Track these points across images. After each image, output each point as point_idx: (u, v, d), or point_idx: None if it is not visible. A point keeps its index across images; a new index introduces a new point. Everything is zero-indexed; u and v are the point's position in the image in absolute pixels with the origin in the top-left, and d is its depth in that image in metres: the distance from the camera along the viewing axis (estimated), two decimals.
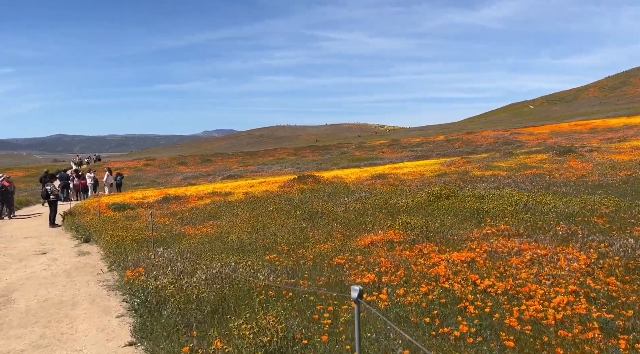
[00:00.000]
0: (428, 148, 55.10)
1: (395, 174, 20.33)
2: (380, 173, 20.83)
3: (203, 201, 17.56)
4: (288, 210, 11.69)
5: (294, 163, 50.66)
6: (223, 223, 11.03)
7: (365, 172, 23.08)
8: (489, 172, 18.26)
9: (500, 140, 52.09)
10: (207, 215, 12.87)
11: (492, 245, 6.53)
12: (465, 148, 49.23)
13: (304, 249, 7.79)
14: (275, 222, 10.24)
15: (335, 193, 14.81)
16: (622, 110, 78.66)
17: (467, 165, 21.30)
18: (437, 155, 44.74)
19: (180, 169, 53.42)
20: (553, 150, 23.80)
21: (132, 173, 48.95)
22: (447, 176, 18.39)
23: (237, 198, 17.25)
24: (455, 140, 61.58)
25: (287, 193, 17.04)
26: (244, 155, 69.87)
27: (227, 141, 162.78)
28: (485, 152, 38.16)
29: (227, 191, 20.23)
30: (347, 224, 9.49)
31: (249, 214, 11.99)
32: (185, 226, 11.36)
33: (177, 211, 15.21)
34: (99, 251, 10.33)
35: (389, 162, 40.08)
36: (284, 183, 20.48)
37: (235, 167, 52.56)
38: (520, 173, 16.99)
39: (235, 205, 14.72)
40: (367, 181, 18.47)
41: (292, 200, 14.20)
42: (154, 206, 17.23)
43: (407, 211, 10.11)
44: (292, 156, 62.75)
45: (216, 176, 41.36)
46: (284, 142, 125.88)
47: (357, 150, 61.68)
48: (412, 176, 19.44)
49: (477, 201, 9.84)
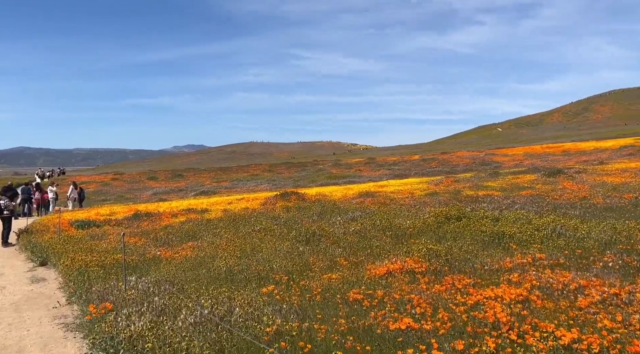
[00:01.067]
0: (405, 167, 54.63)
1: (383, 192, 19.31)
2: (368, 191, 19.78)
3: (178, 219, 16.08)
4: (278, 231, 10.42)
5: (270, 180, 49.28)
6: (204, 245, 9.66)
7: (350, 189, 22.00)
8: (482, 192, 17.42)
9: (477, 160, 52.05)
10: (184, 235, 11.46)
11: (540, 278, 5.45)
12: (443, 168, 48.91)
13: (308, 279, 6.55)
14: (267, 245, 8.95)
15: (325, 212, 13.62)
16: (585, 135, 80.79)
17: (456, 184, 20.48)
18: (416, 174, 44.17)
19: (150, 184, 51.21)
20: (540, 171, 23.27)
21: (98, 187, 46.55)
22: (438, 195, 17.47)
23: (215, 216, 15.85)
24: (431, 159, 61.41)
25: (271, 211, 15.75)
26: (216, 170, 67.95)
27: (198, 156, 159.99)
28: (463, 172, 37.71)
29: (203, 208, 18.77)
30: (350, 248, 8.30)
31: (233, 235, 10.66)
32: (161, 248, 9.94)
33: (149, 230, 13.70)
34: (57, 277, 8.80)
35: (368, 180, 39.19)
36: (265, 200, 19.18)
37: (208, 183, 50.77)
38: (515, 194, 16.20)
39: (215, 223, 13.34)
40: (355, 200, 17.36)
41: (278, 219, 12.92)
42: (122, 224, 15.63)
43: (416, 234, 9.00)
44: (267, 172, 61.27)
45: (188, 192, 39.57)
46: (257, 159, 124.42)
47: (333, 168, 60.76)
48: (401, 194, 18.44)
49: (492, 224, 8.82)
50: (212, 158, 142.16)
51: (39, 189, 25.62)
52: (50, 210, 24.46)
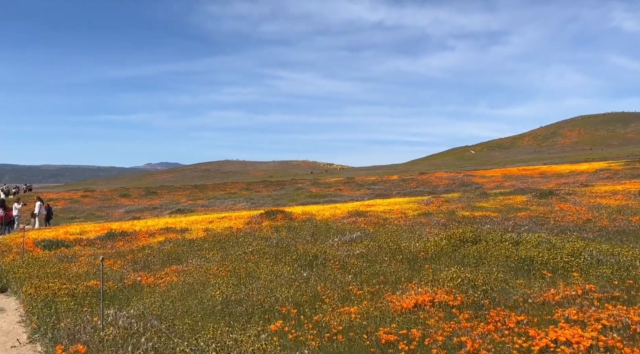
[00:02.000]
0: (385, 187, 54.11)
1: (373, 212, 18.43)
2: (357, 210, 18.86)
3: (156, 239, 14.83)
4: (273, 253, 9.37)
5: (248, 198, 48.02)
6: (191, 270, 8.54)
7: (337, 208, 21.04)
8: (478, 213, 16.72)
9: (456, 181, 51.93)
10: (166, 258, 10.29)
11: (609, 317, 4.60)
12: (424, 188, 48.47)
13: (321, 312, 5.55)
14: (264, 270, 7.90)
15: (318, 233, 12.63)
16: (555, 159, 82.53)
17: (447, 205, 19.78)
18: (398, 193, 43.59)
19: (122, 201, 49.25)
20: (528, 192, 22.84)
21: (67, 204, 44.44)
22: (432, 216, 16.69)
23: (197, 236, 14.67)
24: (410, 179, 61.19)
25: (258, 231, 14.67)
26: (192, 188, 66.21)
27: (171, 174, 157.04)
28: (445, 192, 37.29)
29: (182, 226, 17.54)
30: (360, 274, 7.34)
31: (222, 257, 9.56)
32: (141, 272, 8.77)
33: (125, 251, 12.45)
34: (17, 307, 7.55)
35: (350, 199, 38.38)
36: (249, 219, 18.07)
37: (183, 201, 49.11)
38: (513, 215, 15.54)
39: (199, 244, 12.19)
40: (346, 219, 16.41)
41: (269, 239, 11.87)
42: (95, 244, 14.28)
43: (430, 258, 8.10)
44: (244, 191, 59.91)
45: (163, 210, 37.98)
46: (232, 177, 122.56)
47: (312, 187, 59.88)
48: (393, 214, 17.60)
49: (514, 248, 7.99)
50: (186, 176, 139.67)
51: (3, 206, 23.86)
52: (14, 228, 22.74)
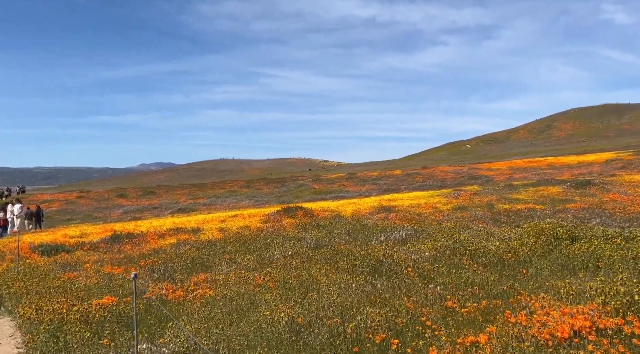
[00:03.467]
0: (390, 182, 52.67)
1: (401, 206, 16.90)
2: (382, 205, 17.31)
3: (167, 241, 13.24)
4: (320, 257, 7.82)
5: (250, 196, 46.42)
6: (226, 279, 6.98)
7: (355, 204, 19.49)
8: (519, 206, 15.24)
9: (463, 174, 50.46)
10: (189, 263, 8.71)
11: None
12: (431, 182, 47.04)
13: (433, 342, 4.03)
14: (320, 279, 6.35)
15: (354, 231, 11.10)
16: (552, 151, 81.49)
17: (479, 197, 18.29)
18: (407, 188, 42.18)
19: (120, 202, 47.41)
20: (563, 183, 21.40)
21: (63, 206, 42.61)
22: (469, 209, 15.20)
23: (213, 237, 13.10)
24: (414, 174, 59.70)
25: (281, 230, 13.13)
26: (190, 187, 64.38)
27: (166, 174, 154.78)
28: (457, 186, 35.87)
29: (192, 226, 15.95)
30: (446, 284, 5.81)
31: (257, 262, 8.00)
32: (163, 283, 7.19)
33: (135, 256, 10.87)
34: (13, 334, 5.95)
35: (358, 195, 36.89)
36: (266, 217, 16.51)
37: (183, 200, 47.40)
38: (562, 206, 14.09)
39: (221, 246, 10.62)
40: (376, 215, 14.88)
41: (302, 240, 10.32)
42: (99, 248, 12.65)
43: (523, 261, 6.58)
44: (244, 188, 58.20)
45: (163, 209, 36.34)
46: (228, 176, 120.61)
47: (314, 183, 58.31)
48: (423, 209, 16.08)
49: (632, 246, 6.49)
50: (181, 175, 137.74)
51: (3, 209, 22.17)
52: (7, 232, 21.05)
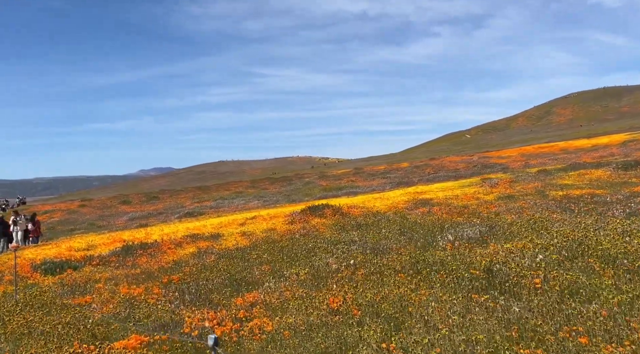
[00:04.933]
0: (401, 174, 51.18)
1: (436, 199, 15.39)
2: (416, 198, 15.79)
3: (186, 250, 11.76)
4: (388, 266, 6.30)
5: (258, 196, 44.94)
6: (282, 301, 5.47)
7: (382, 198, 17.97)
8: (575, 191, 13.74)
9: (477, 163, 48.91)
10: (224, 279, 7.19)
11: None
12: (444, 173, 45.53)
13: None
14: (410, 298, 4.85)
15: (407, 230, 9.58)
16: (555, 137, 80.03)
17: (520, 185, 16.77)
18: (420, 180, 40.67)
19: (123, 209, 45.95)
20: (609, 165, 19.82)
21: (65, 216, 41.10)
22: (516, 198, 13.69)
23: (238, 243, 11.62)
24: (423, 166, 58.19)
25: (314, 232, 11.64)
26: (195, 190, 62.90)
27: (166, 179, 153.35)
28: (472, 176, 34.46)
29: (210, 232, 14.45)
30: (609, 302, 4.32)
31: (307, 274, 6.49)
32: (200, 308, 5.67)
33: (154, 271, 9.37)
34: None
35: (371, 190, 35.49)
36: (289, 218, 14.99)
37: (188, 204, 45.90)
38: (628, 190, 12.61)
39: (258, 255, 9.11)
40: (415, 210, 13.37)
41: (351, 243, 8.80)
42: (110, 262, 11.12)
43: None
44: (250, 189, 56.73)
45: (169, 214, 34.79)
46: (229, 177, 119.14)
47: (321, 180, 56.85)
48: (463, 201, 14.56)
49: None
50: (182, 179, 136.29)
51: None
52: (6, 246, 19.49)
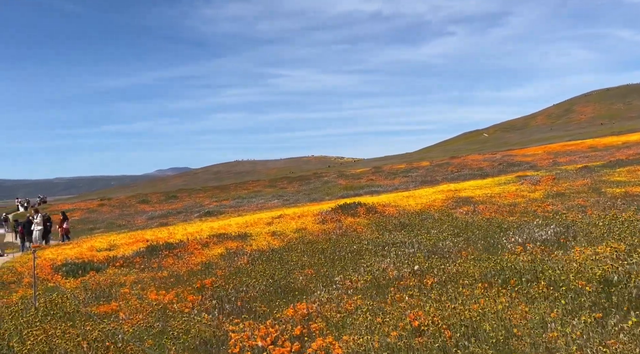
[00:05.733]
0: (422, 173, 49.92)
1: (476, 197, 14.40)
2: (455, 196, 14.80)
3: (213, 251, 10.98)
4: (462, 274, 5.41)
5: (277, 195, 44.20)
6: (342, 314, 4.60)
7: (415, 197, 17.00)
8: (634, 189, 12.63)
9: (503, 162, 47.42)
10: (266, 285, 6.35)
11: None
12: (469, 171, 44.20)
13: None
14: (509, 318, 3.94)
15: (460, 230, 8.64)
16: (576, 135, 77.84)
17: (567, 183, 15.67)
18: (445, 179, 39.51)
19: (142, 208, 45.63)
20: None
21: (84, 215, 40.86)
22: (568, 196, 12.65)
23: (268, 244, 10.81)
24: (445, 164, 56.77)
25: (351, 231, 10.78)
26: (212, 189, 62.47)
27: (183, 178, 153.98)
28: (501, 173, 33.26)
29: (236, 231, 13.62)
30: None
31: (362, 281, 5.60)
32: (249, 324, 4.83)
33: (182, 274, 8.60)
34: None
35: (394, 189, 34.49)
36: (320, 217, 14.13)
37: (207, 203, 45.36)
38: None
39: (296, 257, 8.28)
40: (460, 209, 12.41)
41: (401, 245, 7.90)
42: (134, 264, 10.38)
43: None
44: (269, 188, 56.04)
45: (189, 213, 34.19)
46: (245, 177, 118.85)
47: (340, 179, 55.92)
48: (508, 198, 13.55)
49: None
50: (198, 179, 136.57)
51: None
52: (26, 246, 18.99)
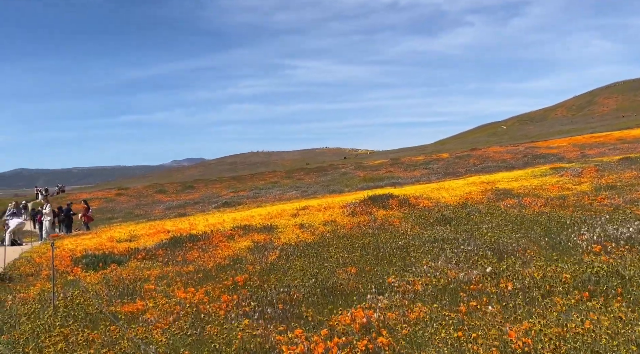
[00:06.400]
0: (442, 165, 48.67)
1: (516, 189, 13.51)
2: (494, 188, 13.91)
3: (239, 244, 10.31)
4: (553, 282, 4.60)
5: (295, 187, 43.53)
6: (418, 333, 3.85)
7: (443, 189, 16.12)
8: None
9: (527, 154, 46.04)
10: (310, 285, 5.63)
11: None
12: (491, 163, 42.91)
13: None
14: None
15: (516, 226, 7.81)
16: (598, 127, 75.63)
17: (613, 175, 14.69)
18: (468, 171, 38.48)
19: (159, 198, 45.36)
20: None
21: (102, 204, 40.67)
22: (621, 189, 11.72)
23: (297, 237, 10.11)
24: (465, 156, 55.45)
25: (387, 225, 10.02)
26: (229, 180, 62.04)
27: (198, 169, 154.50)
28: (527, 166, 32.15)
29: (260, 223, 12.91)
30: None
31: (432, 289, 4.84)
32: (299, 333, 4.11)
33: (210, 269, 7.93)
34: None
35: (414, 181, 33.52)
36: (348, 209, 13.37)
37: (224, 193, 44.88)
38: None
39: (330, 252, 7.55)
40: (504, 202, 11.55)
41: (454, 242, 7.11)
42: (157, 257, 9.75)
43: None
44: (286, 179, 55.38)
45: (207, 204, 33.70)
46: (260, 168, 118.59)
47: (358, 171, 55.02)
48: (552, 192, 12.64)
49: None
50: (213, 170, 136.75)
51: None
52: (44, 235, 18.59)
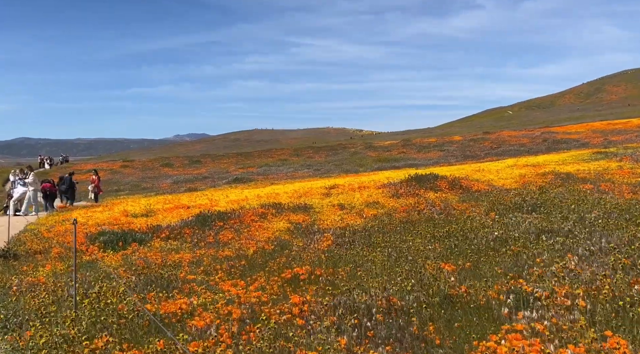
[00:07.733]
0: (457, 148, 47.19)
1: (578, 173, 12.14)
2: (552, 172, 12.53)
3: (275, 225, 8.99)
4: None
5: (306, 165, 42.21)
6: None
7: (490, 171, 14.74)
8: None
9: (547, 139, 44.36)
10: (423, 293, 4.30)
11: None
12: (508, 147, 41.37)
13: None
14: None
15: (624, 215, 6.47)
16: (608, 115, 73.93)
17: None
18: (487, 154, 37.09)
19: (166, 171, 44.14)
20: None
21: (107, 176, 39.41)
22: None
23: (341, 219, 8.79)
24: (480, 139, 53.91)
25: (455, 212, 8.71)
26: (236, 156, 60.72)
27: (202, 144, 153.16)
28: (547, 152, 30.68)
29: (291, 202, 11.55)
30: None
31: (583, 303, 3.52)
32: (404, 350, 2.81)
33: (252, 256, 6.61)
34: None
35: (434, 163, 32.17)
36: (388, 190, 12.03)
37: (232, 169, 43.56)
38: None
39: (410, 241, 6.23)
40: (577, 186, 10.20)
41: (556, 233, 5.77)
42: (184, 236, 8.42)
43: None
44: (294, 157, 54.04)
45: (216, 179, 32.36)
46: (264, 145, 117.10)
47: (369, 151, 53.61)
48: (623, 178, 11.28)
49: None
50: (216, 146, 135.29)
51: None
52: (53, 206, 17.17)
